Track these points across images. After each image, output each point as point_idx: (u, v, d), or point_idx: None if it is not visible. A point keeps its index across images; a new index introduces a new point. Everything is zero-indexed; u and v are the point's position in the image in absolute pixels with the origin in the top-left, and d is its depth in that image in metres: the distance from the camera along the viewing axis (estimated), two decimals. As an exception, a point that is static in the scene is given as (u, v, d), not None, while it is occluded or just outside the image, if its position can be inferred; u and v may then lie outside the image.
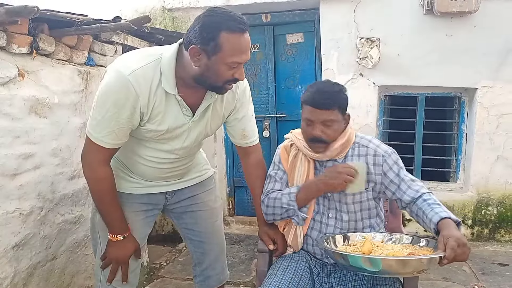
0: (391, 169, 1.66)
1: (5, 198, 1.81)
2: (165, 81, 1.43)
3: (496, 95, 3.33)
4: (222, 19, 1.34)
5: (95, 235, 1.72)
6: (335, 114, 1.61)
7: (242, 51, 1.38)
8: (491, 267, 3.02)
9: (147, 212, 1.74)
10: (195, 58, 1.39)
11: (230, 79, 1.43)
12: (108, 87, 1.41)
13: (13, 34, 1.88)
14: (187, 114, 1.54)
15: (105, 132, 1.44)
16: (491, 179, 3.44)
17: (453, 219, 1.45)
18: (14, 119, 1.85)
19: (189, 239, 1.90)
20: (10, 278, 1.83)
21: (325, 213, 1.71)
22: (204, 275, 1.92)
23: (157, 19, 3.77)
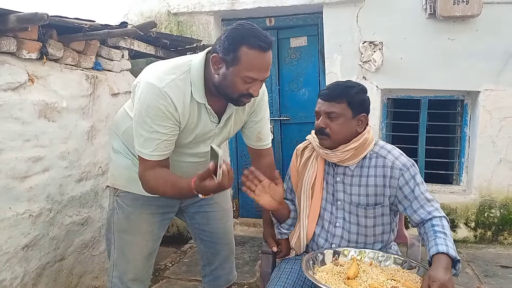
0: (407, 184, 1.58)
1: (15, 200, 1.86)
2: (195, 91, 1.49)
3: (498, 98, 3.35)
4: (246, 34, 1.38)
5: (109, 236, 1.76)
6: (341, 107, 1.58)
7: (259, 68, 1.41)
8: (494, 269, 3.04)
9: (163, 215, 1.78)
10: (215, 66, 1.44)
11: (244, 93, 1.45)
12: (148, 102, 1.44)
13: (23, 40, 1.93)
14: (214, 121, 1.59)
15: (153, 146, 1.48)
16: (494, 181, 3.45)
17: (451, 255, 1.39)
18: (24, 123, 1.90)
19: (200, 239, 1.94)
20: (20, 278, 1.88)
21: (332, 221, 1.69)
22: (213, 275, 1.96)
23: (162, 23, 3.81)
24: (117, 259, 1.73)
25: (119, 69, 2.65)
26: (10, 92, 1.84)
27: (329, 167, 1.72)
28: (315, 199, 1.72)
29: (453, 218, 3.56)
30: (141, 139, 1.48)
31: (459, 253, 3.26)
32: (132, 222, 1.71)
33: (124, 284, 1.72)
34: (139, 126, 1.47)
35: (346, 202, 1.67)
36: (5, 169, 1.80)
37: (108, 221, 1.77)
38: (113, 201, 1.74)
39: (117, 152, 1.73)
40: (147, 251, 1.75)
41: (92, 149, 2.34)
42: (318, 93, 1.67)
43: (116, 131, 1.74)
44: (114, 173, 1.74)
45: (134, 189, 1.69)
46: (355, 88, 1.62)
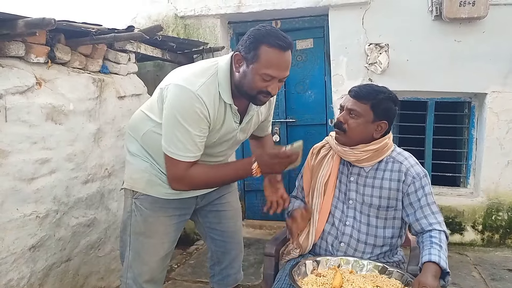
0: (415, 192, 1.63)
1: (23, 201, 1.89)
2: (223, 92, 1.55)
3: (506, 100, 3.32)
4: (266, 34, 1.47)
5: (125, 237, 1.79)
6: (363, 108, 1.62)
7: (277, 67, 1.47)
8: (501, 273, 3.01)
9: (180, 217, 1.81)
10: (237, 64, 1.52)
11: (263, 90, 1.51)
12: (182, 104, 1.49)
13: (31, 44, 1.97)
14: (236, 121, 1.65)
15: (189, 147, 1.53)
16: (502, 184, 3.42)
17: (441, 266, 1.44)
18: (32, 126, 1.94)
19: (211, 238, 1.97)
20: (27, 278, 1.91)
21: (342, 220, 1.72)
22: (222, 274, 1.99)
23: (169, 26, 3.85)
24: (132, 260, 1.75)
25: (125, 72, 2.68)
26: (18, 95, 1.87)
27: (343, 166, 1.76)
28: (327, 197, 1.76)
29: (460, 221, 3.53)
30: (175, 140, 1.52)
31: (466, 256, 3.27)
32: (150, 224, 1.74)
33: (139, 285, 1.75)
34: (175, 127, 1.51)
35: (358, 202, 1.71)
36: (13, 171, 1.84)
37: (125, 223, 1.79)
38: (131, 203, 1.76)
39: (135, 155, 1.76)
40: (163, 252, 1.78)
41: (99, 151, 2.38)
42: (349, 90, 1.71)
43: (134, 134, 1.76)
44: (133, 176, 1.77)
45: (153, 192, 1.73)
46: (384, 94, 1.65)
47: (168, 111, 1.52)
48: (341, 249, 1.71)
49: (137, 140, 1.75)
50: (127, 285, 1.76)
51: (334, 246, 1.72)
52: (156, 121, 1.64)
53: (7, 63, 1.88)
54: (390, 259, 1.74)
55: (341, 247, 1.71)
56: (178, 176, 1.57)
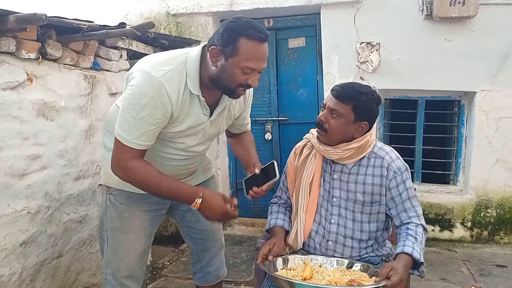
0: (396, 187, 1.66)
1: (14, 197, 1.89)
2: (190, 82, 1.51)
3: (495, 99, 3.37)
4: (244, 26, 1.44)
5: (102, 233, 1.78)
6: (345, 108, 1.61)
7: (257, 59, 1.46)
8: (489, 269, 3.06)
9: (155, 212, 1.81)
10: (213, 59, 1.48)
11: (243, 83, 1.50)
12: (140, 89, 1.45)
13: (22, 40, 1.96)
14: (206, 114, 1.62)
15: (137, 133, 1.47)
16: (490, 181, 3.47)
17: (414, 256, 1.48)
18: (23, 122, 1.93)
19: (190, 237, 1.97)
20: (18, 274, 1.91)
21: (327, 218, 1.73)
22: (203, 271, 1.99)
23: (161, 24, 3.85)
24: (110, 256, 1.75)
25: (117, 69, 2.68)
26: (9, 91, 1.87)
27: (326, 164, 1.77)
28: (312, 196, 1.76)
29: (449, 218, 3.58)
30: (125, 123, 1.47)
31: (455, 252, 3.31)
32: (125, 220, 1.73)
33: (118, 281, 1.74)
34: (127, 112, 1.47)
35: (342, 199, 1.72)
36: (4, 167, 1.83)
37: (101, 219, 1.79)
38: (106, 199, 1.75)
39: (110, 150, 1.69)
40: (140, 248, 1.77)
41: (90, 148, 2.38)
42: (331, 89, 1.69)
43: (109, 128, 1.74)
44: (108, 171, 1.71)
45: (127, 187, 1.69)
46: (367, 95, 1.64)
47: (127, 95, 1.48)
48: (329, 247, 1.73)
49: (112, 134, 1.69)
50: (107, 281, 1.75)
51: (323, 245, 1.74)
52: None
53: (-3, 58, 1.87)
54: (379, 252, 1.77)
55: (329, 245, 1.73)
56: (119, 161, 1.52)
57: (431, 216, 3.60)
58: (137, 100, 1.45)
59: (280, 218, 1.83)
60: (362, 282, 1.44)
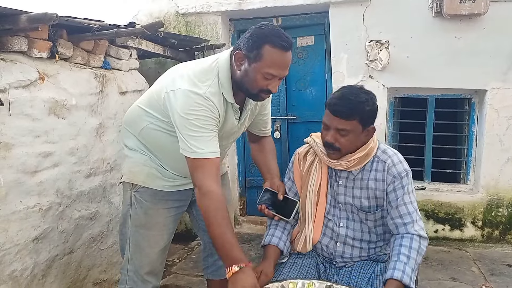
0: (394, 191, 1.63)
1: (26, 194, 1.92)
2: (225, 92, 1.59)
3: (506, 97, 3.33)
4: (269, 34, 1.50)
5: (124, 230, 1.81)
6: (352, 124, 1.57)
7: (279, 66, 1.52)
8: (500, 268, 3.02)
9: (178, 209, 1.85)
10: (238, 63, 1.55)
11: (264, 89, 1.55)
12: (193, 109, 1.50)
13: (34, 39, 2.00)
14: (237, 118, 1.69)
15: (209, 144, 1.53)
16: (501, 180, 3.43)
17: (404, 282, 1.45)
18: (35, 120, 1.97)
19: (204, 230, 1.98)
20: (30, 269, 1.94)
21: (336, 222, 1.73)
22: (216, 265, 2.02)
23: (171, 23, 3.87)
24: (132, 253, 1.78)
25: (127, 68, 2.71)
26: (21, 89, 1.90)
27: (332, 170, 1.75)
28: (320, 205, 1.76)
29: (460, 217, 3.55)
30: (194, 142, 1.51)
31: (465, 251, 3.29)
32: (150, 217, 1.76)
33: (140, 277, 1.77)
34: (189, 132, 1.51)
35: (347, 204, 1.72)
36: (16, 164, 1.87)
37: (124, 216, 1.81)
38: (131, 196, 1.78)
39: (133, 150, 1.79)
40: (163, 244, 1.81)
41: (101, 145, 2.41)
42: (327, 103, 1.62)
43: (131, 130, 1.79)
44: (132, 169, 1.79)
45: (153, 185, 1.76)
46: (368, 102, 1.59)
47: (179, 117, 1.52)
48: (338, 249, 1.73)
49: (134, 135, 1.77)
50: (128, 277, 1.78)
51: (330, 247, 1.74)
52: (156, 117, 1.67)
53: (10, 57, 1.90)
54: (387, 250, 1.77)
55: (338, 246, 1.73)
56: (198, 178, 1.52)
57: (441, 215, 3.57)
58: (195, 118, 1.51)
59: (276, 235, 1.78)
60: None
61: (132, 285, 1.77)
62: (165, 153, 1.74)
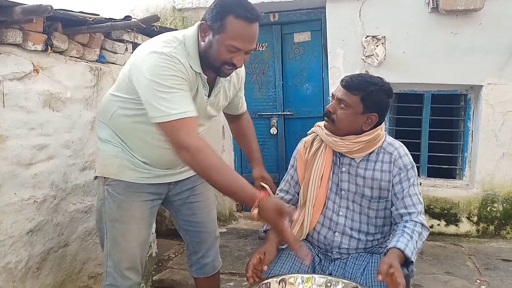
0: (400, 183, 1.65)
1: (21, 186, 1.92)
2: (191, 60, 1.53)
3: (501, 93, 3.34)
4: (233, 4, 1.44)
5: (101, 226, 1.78)
6: (353, 99, 1.61)
7: (243, 39, 1.45)
8: (494, 263, 3.04)
9: (153, 202, 1.82)
10: (202, 34, 1.51)
11: (228, 61, 1.50)
12: (158, 69, 1.43)
13: (28, 32, 1.99)
14: (205, 93, 1.64)
15: (182, 103, 1.43)
16: (497, 176, 3.45)
17: (406, 253, 1.45)
18: (29, 112, 1.96)
19: (185, 230, 1.98)
20: (25, 262, 1.94)
21: (335, 210, 1.74)
22: (200, 263, 2.00)
23: (167, 19, 3.88)
24: (110, 249, 1.74)
25: (123, 62, 2.70)
26: (15, 81, 1.89)
27: (336, 157, 1.77)
28: (321, 190, 1.77)
29: (455, 212, 3.57)
30: (163, 102, 1.40)
31: (460, 246, 3.30)
32: (124, 210, 1.72)
33: (119, 273, 1.74)
34: (157, 94, 1.41)
35: (350, 192, 1.73)
36: (11, 156, 1.86)
37: (99, 211, 1.78)
38: (103, 190, 1.75)
39: (105, 142, 1.75)
40: (141, 238, 1.78)
41: (96, 139, 2.40)
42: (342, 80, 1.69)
43: (103, 119, 1.76)
44: (104, 162, 1.75)
45: (125, 177, 1.71)
46: (376, 86, 1.62)
47: (146, 81, 1.44)
48: (336, 239, 1.74)
49: (106, 124, 1.73)
50: (108, 273, 1.75)
51: (328, 237, 1.75)
52: (122, 97, 1.62)
53: (4, 50, 1.89)
54: (383, 245, 1.78)
55: (336, 236, 1.74)
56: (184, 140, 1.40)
57: (437, 211, 3.59)
58: (161, 78, 1.42)
59: None
60: None
61: (112, 281, 1.74)
62: (135, 139, 1.69)
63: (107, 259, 1.76)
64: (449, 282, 2.77)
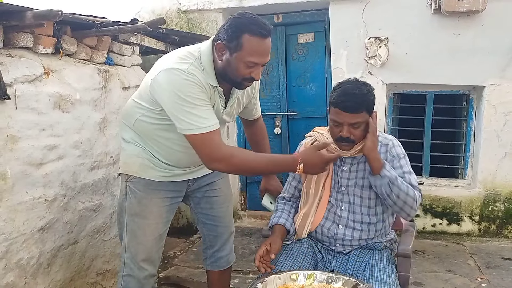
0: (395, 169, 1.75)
1: (32, 185, 1.99)
2: (207, 76, 1.63)
3: (503, 93, 3.37)
4: (247, 22, 1.54)
5: (121, 219, 1.88)
6: (362, 116, 1.68)
7: (260, 54, 1.57)
8: (496, 261, 3.07)
9: (172, 199, 1.91)
10: (219, 53, 1.60)
11: (247, 77, 1.61)
12: (178, 84, 1.55)
13: (39, 36, 2.06)
14: (222, 104, 1.75)
15: (209, 116, 1.58)
16: (499, 175, 3.48)
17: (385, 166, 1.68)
18: (40, 114, 2.02)
19: (203, 223, 2.07)
20: (36, 258, 2.01)
21: (339, 206, 1.82)
22: (215, 256, 2.09)
23: (173, 20, 3.93)
24: (129, 241, 1.85)
25: (130, 64, 2.77)
26: (27, 84, 1.96)
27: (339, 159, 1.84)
28: (325, 190, 1.84)
29: (457, 211, 3.60)
30: (189, 117, 1.55)
31: (462, 245, 3.33)
32: (144, 206, 1.83)
33: (136, 264, 1.83)
34: (182, 108, 1.54)
35: (350, 187, 1.81)
36: (23, 156, 1.93)
37: (120, 205, 1.89)
38: (125, 186, 1.86)
39: (129, 142, 1.85)
40: (157, 233, 1.87)
41: (104, 139, 2.47)
42: (332, 101, 1.70)
43: (127, 122, 1.85)
44: (126, 160, 1.86)
45: (146, 175, 1.82)
46: (369, 93, 1.72)
47: (167, 96, 1.57)
48: (339, 231, 1.81)
49: (130, 127, 1.84)
50: (126, 264, 1.85)
51: (332, 229, 1.82)
52: (146, 107, 1.73)
53: (16, 53, 1.96)
54: (383, 238, 1.85)
55: (340, 229, 1.81)
56: (215, 154, 1.58)
57: (439, 210, 3.62)
58: (183, 93, 1.54)
59: (283, 217, 1.89)
60: None
61: (129, 271, 1.84)
62: (156, 143, 1.79)
63: (125, 251, 1.85)
64: (450, 280, 2.81)
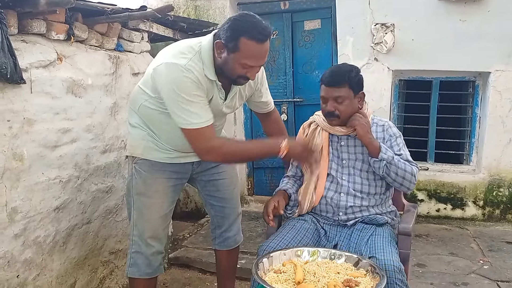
0: (391, 147, 1.91)
1: (47, 166, 2.07)
2: (206, 69, 1.70)
3: (509, 79, 3.39)
4: (247, 26, 1.59)
5: (129, 199, 1.98)
6: (345, 91, 1.84)
7: (256, 57, 1.64)
8: (498, 245, 3.12)
9: (177, 180, 1.99)
10: (218, 51, 1.67)
11: (242, 75, 1.68)
12: (175, 79, 1.63)
13: (52, 22, 2.11)
14: (221, 97, 1.82)
15: (200, 113, 1.66)
16: (503, 161, 3.51)
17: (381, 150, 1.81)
18: (54, 98, 2.09)
19: (211, 204, 2.16)
20: (52, 236, 2.10)
21: (339, 177, 1.94)
22: (223, 236, 2.18)
23: (180, 7, 3.97)
24: (136, 219, 1.94)
25: (139, 50, 2.82)
26: (41, 69, 2.02)
27: (333, 136, 1.98)
28: (323, 162, 1.96)
29: (461, 196, 3.65)
30: (185, 113, 1.64)
31: (466, 229, 3.38)
32: (149, 185, 1.91)
33: (143, 241, 1.93)
34: (178, 103, 1.64)
35: (351, 160, 1.94)
36: (38, 139, 2.00)
37: (128, 186, 1.99)
38: (132, 167, 1.96)
39: (134, 126, 1.94)
40: (163, 211, 1.96)
41: (115, 124, 2.54)
42: (320, 80, 1.91)
43: (133, 107, 1.94)
44: (132, 143, 1.96)
45: (150, 157, 1.91)
46: (352, 71, 1.87)
47: (166, 90, 1.66)
48: (341, 198, 1.91)
49: (135, 112, 1.92)
50: (134, 242, 1.95)
51: (334, 198, 1.92)
52: (149, 94, 1.81)
53: (30, 39, 2.02)
54: (384, 209, 1.97)
55: (342, 196, 1.92)
56: (205, 146, 1.69)
57: (443, 195, 3.67)
58: (179, 89, 1.63)
59: (288, 185, 2.05)
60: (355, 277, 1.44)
61: (137, 248, 1.94)
62: (159, 129, 1.88)
63: (133, 229, 1.95)
64: (452, 262, 2.87)
